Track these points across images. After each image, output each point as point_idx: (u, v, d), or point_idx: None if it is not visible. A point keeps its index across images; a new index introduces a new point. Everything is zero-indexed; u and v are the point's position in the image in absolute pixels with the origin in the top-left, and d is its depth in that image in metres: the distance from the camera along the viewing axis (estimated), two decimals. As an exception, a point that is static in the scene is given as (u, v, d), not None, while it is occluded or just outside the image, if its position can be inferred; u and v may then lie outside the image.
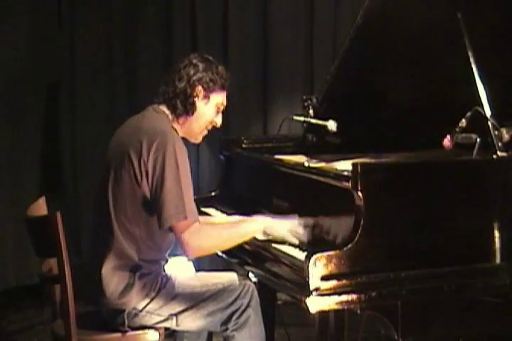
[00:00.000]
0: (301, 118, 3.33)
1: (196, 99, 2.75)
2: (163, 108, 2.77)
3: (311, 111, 3.32)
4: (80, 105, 4.97)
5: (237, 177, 3.45)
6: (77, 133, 4.98)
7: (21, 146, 4.80)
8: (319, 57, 5.02)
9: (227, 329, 2.74)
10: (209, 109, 2.79)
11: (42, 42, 4.84)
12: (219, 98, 2.80)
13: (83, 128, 4.97)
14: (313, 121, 3.27)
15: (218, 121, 2.85)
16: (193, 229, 2.59)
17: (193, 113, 2.76)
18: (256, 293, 2.78)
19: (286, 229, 2.69)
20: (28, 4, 4.78)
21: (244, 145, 3.46)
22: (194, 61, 2.78)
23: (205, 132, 2.86)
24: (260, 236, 2.73)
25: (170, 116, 2.76)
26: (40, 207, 2.78)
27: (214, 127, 2.87)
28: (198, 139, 2.87)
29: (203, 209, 3.33)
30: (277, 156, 3.12)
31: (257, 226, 2.71)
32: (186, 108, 2.74)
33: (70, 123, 4.98)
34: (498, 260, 2.52)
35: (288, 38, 5.03)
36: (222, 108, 2.84)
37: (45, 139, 4.94)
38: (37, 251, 2.67)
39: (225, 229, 2.72)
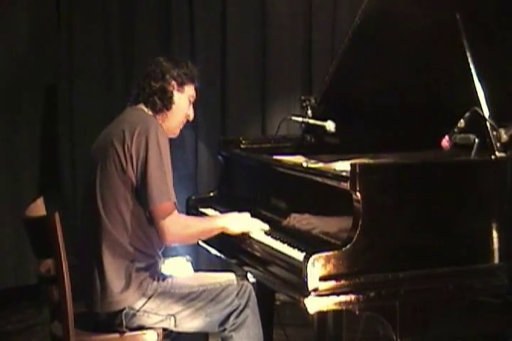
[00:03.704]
0: (300, 119, 3.34)
1: (174, 92, 2.84)
2: (141, 106, 2.84)
3: (309, 112, 3.32)
4: (78, 106, 4.96)
5: (235, 178, 3.45)
6: (75, 134, 4.98)
7: (20, 147, 4.81)
8: (318, 58, 5.02)
9: (225, 329, 2.75)
10: (184, 101, 2.88)
11: (40, 43, 4.84)
12: (190, 90, 2.90)
13: (81, 129, 4.97)
14: (312, 121, 3.27)
15: (191, 113, 2.94)
16: (174, 216, 2.66)
17: (171, 107, 2.84)
18: (253, 293, 2.79)
19: (249, 223, 2.82)
20: (27, 5, 4.78)
21: (242, 146, 3.46)
22: (162, 60, 2.86)
23: (182, 126, 2.94)
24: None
25: (150, 113, 2.83)
26: (39, 208, 2.78)
27: (188, 121, 2.95)
28: (176, 133, 2.95)
29: (201, 210, 3.33)
30: (276, 157, 3.12)
31: (223, 223, 2.80)
32: (164, 102, 2.82)
33: (69, 123, 4.98)
34: (496, 260, 2.52)
35: (286, 39, 5.03)
36: (193, 100, 2.93)
37: (43, 140, 4.94)
38: (35, 252, 2.67)
39: (201, 222, 2.86)
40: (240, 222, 2.82)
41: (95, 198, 2.70)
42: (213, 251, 3.09)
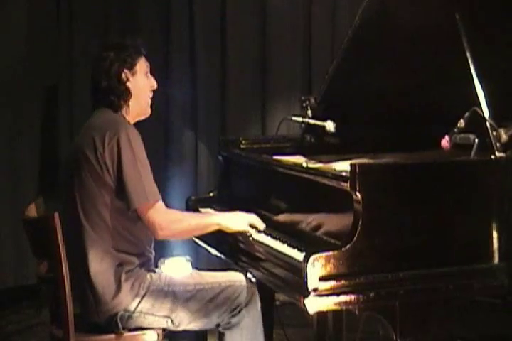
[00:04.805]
0: (300, 119, 3.34)
1: (128, 83, 2.79)
2: (105, 107, 2.79)
3: (309, 112, 3.32)
4: (79, 106, 4.95)
5: (235, 178, 3.44)
6: (75, 134, 4.93)
7: (20, 147, 4.80)
8: (318, 58, 5.02)
9: (219, 325, 2.74)
10: (141, 80, 2.83)
11: (41, 43, 4.84)
12: (141, 64, 2.84)
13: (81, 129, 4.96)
14: (312, 121, 3.27)
15: (153, 83, 2.89)
16: (156, 208, 2.65)
17: (130, 96, 2.79)
18: (257, 297, 2.78)
19: (245, 222, 2.78)
20: (27, 5, 4.78)
21: (242, 146, 3.46)
22: (104, 54, 2.79)
23: (150, 101, 2.89)
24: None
25: (115, 113, 2.79)
26: (38, 208, 2.78)
27: (153, 91, 2.90)
28: (149, 112, 2.90)
29: (201, 210, 3.33)
30: (275, 157, 3.12)
31: (218, 220, 2.77)
32: (121, 97, 2.78)
33: (69, 123, 4.98)
34: (496, 260, 2.52)
35: (286, 38, 5.04)
36: (148, 70, 2.88)
37: (43, 140, 4.94)
38: (34, 252, 2.66)
39: (194, 217, 2.83)
40: (236, 221, 2.79)
41: (76, 208, 2.68)
42: (213, 251, 3.09)
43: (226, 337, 2.74)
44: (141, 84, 2.83)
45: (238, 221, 2.79)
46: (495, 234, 2.51)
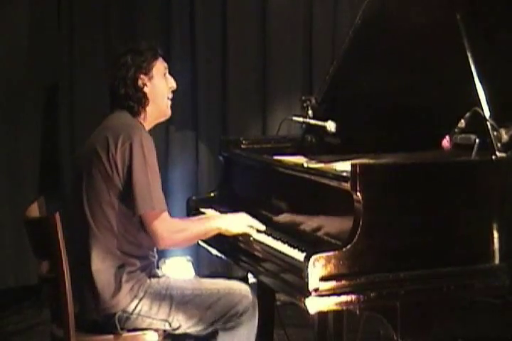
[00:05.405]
0: (300, 119, 3.34)
1: (145, 87, 2.78)
2: (122, 110, 2.80)
3: (310, 112, 3.32)
4: (79, 106, 4.96)
5: (236, 178, 3.44)
6: (75, 134, 4.98)
7: (20, 147, 4.81)
8: (318, 58, 5.02)
9: (216, 330, 2.74)
10: (159, 83, 2.82)
11: (41, 43, 4.84)
12: (158, 67, 2.83)
13: (82, 129, 4.96)
14: (312, 121, 3.27)
15: (171, 83, 2.88)
16: (161, 218, 2.64)
17: (148, 101, 2.79)
18: (257, 313, 2.76)
19: (244, 224, 2.78)
20: (27, 6, 4.78)
21: (243, 146, 3.45)
22: (120, 61, 2.79)
23: (170, 102, 2.88)
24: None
25: (132, 116, 2.79)
26: (39, 208, 2.78)
27: (173, 92, 2.89)
28: (168, 113, 2.90)
29: (202, 210, 3.33)
30: (276, 157, 3.12)
31: (218, 224, 2.77)
32: (139, 102, 2.77)
33: (69, 123, 4.98)
34: (497, 261, 2.52)
35: (287, 39, 5.04)
36: (166, 71, 2.87)
37: (44, 140, 4.94)
38: (35, 252, 2.67)
39: (195, 225, 2.78)
40: (235, 224, 2.78)
41: (82, 206, 2.69)
42: (214, 252, 3.09)
43: (219, 337, 2.73)
44: (159, 88, 2.82)
45: (238, 223, 2.79)
46: (496, 234, 2.51)
